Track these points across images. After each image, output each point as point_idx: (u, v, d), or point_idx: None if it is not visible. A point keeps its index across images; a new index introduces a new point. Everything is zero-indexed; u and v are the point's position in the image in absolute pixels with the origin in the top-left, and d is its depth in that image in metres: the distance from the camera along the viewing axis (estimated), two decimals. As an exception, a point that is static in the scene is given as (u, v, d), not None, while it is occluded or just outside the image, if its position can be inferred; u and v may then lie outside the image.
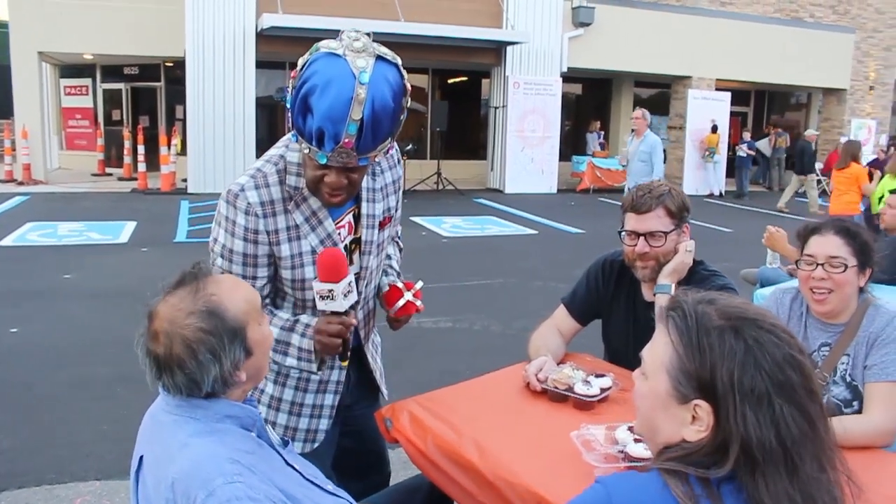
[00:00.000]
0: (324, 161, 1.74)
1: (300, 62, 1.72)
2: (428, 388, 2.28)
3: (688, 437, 1.12)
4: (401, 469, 3.00)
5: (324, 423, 2.13)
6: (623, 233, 2.44)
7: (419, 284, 2.17)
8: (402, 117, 1.79)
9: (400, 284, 2.14)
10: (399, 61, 1.77)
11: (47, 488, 3.38)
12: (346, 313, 1.86)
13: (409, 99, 1.80)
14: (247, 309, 1.46)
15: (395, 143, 2.16)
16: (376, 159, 1.87)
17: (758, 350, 1.08)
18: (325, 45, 1.71)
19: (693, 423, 1.11)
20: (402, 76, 1.76)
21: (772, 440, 1.05)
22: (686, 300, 1.18)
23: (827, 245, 2.23)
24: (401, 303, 2.10)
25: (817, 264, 2.22)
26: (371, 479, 2.32)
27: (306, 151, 1.77)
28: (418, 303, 2.13)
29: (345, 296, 1.83)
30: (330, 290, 1.82)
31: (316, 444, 2.11)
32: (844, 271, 2.18)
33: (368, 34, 1.73)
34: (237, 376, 1.44)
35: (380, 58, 1.71)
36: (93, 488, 3.40)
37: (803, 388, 1.08)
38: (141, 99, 19.03)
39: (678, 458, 1.11)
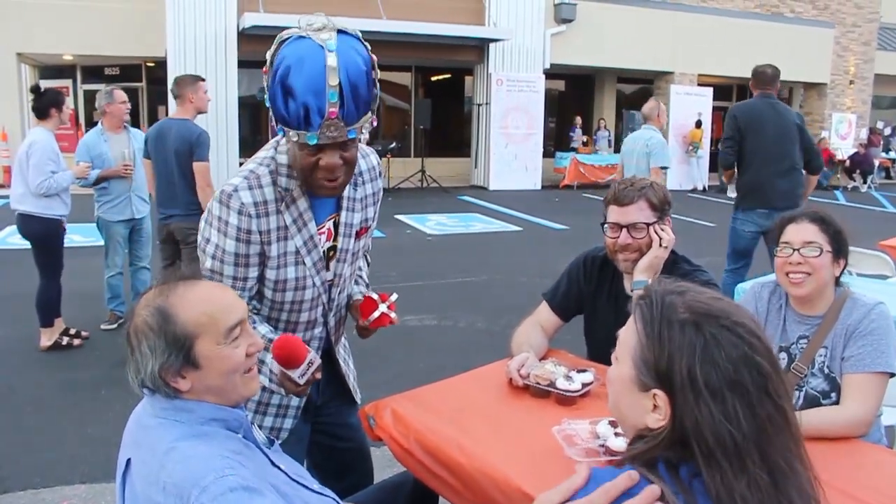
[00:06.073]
0: (315, 141, 1.75)
1: (268, 55, 1.76)
2: (414, 386, 2.29)
3: (649, 424, 1.14)
4: (386, 467, 3.01)
5: (288, 423, 2.14)
6: (605, 225, 2.47)
7: (394, 297, 2.14)
8: (376, 89, 1.82)
9: (375, 296, 2.12)
10: (360, 34, 1.80)
11: (33, 492, 3.37)
12: (304, 385, 1.86)
13: (378, 71, 1.83)
14: (204, 321, 1.44)
15: (377, 156, 2.18)
16: (361, 134, 1.85)
17: (715, 347, 1.09)
18: (287, 33, 1.76)
19: (654, 412, 1.14)
20: (365, 47, 1.79)
21: (724, 436, 1.06)
22: (657, 289, 1.19)
23: (802, 232, 2.29)
24: (375, 314, 2.09)
25: (793, 250, 2.27)
26: (352, 478, 2.32)
27: (295, 139, 1.77)
28: (392, 315, 2.11)
29: (301, 376, 1.82)
30: (286, 374, 1.83)
31: (279, 441, 2.11)
32: (820, 255, 2.23)
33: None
34: (173, 381, 1.42)
35: (340, 31, 1.76)
36: (78, 492, 3.39)
37: (758, 389, 1.08)
38: (122, 100, 18.86)
39: (647, 450, 1.14)
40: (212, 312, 1.46)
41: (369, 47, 1.81)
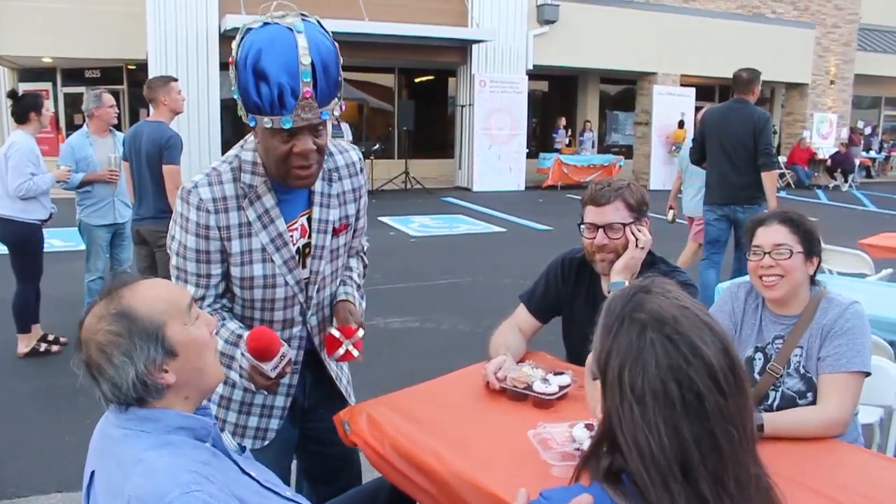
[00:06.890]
0: (290, 125, 1.75)
1: (234, 45, 1.77)
2: (396, 388, 2.27)
3: (596, 413, 1.15)
4: (368, 471, 2.99)
5: (274, 423, 2.12)
6: (582, 226, 2.46)
7: (360, 333, 2.06)
8: (340, 72, 1.83)
9: (336, 333, 2.04)
10: (320, 21, 1.83)
11: (7, 503, 3.32)
12: (275, 379, 1.86)
13: (341, 58, 1.84)
14: (164, 308, 1.43)
15: (359, 153, 2.16)
16: (333, 116, 1.85)
17: (649, 354, 1.07)
18: (251, 21, 1.78)
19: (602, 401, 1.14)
20: (326, 31, 1.82)
21: (642, 441, 1.05)
22: (636, 284, 1.19)
23: (772, 234, 2.30)
24: (340, 352, 2.04)
25: (764, 253, 2.28)
26: (340, 483, 2.30)
27: (269, 125, 1.76)
28: (356, 353, 2.05)
29: (274, 369, 1.83)
30: (256, 367, 1.83)
31: (266, 442, 2.11)
32: (790, 257, 2.24)
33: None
34: (159, 378, 1.40)
35: (301, 15, 1.79)
36: (54, 501, 3.35)
37: (686, 407, 1.05)
38: (103, 102, 18.71)
39: (590, 452, 1.14)
40: (167, 297, 1.46)
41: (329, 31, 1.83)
